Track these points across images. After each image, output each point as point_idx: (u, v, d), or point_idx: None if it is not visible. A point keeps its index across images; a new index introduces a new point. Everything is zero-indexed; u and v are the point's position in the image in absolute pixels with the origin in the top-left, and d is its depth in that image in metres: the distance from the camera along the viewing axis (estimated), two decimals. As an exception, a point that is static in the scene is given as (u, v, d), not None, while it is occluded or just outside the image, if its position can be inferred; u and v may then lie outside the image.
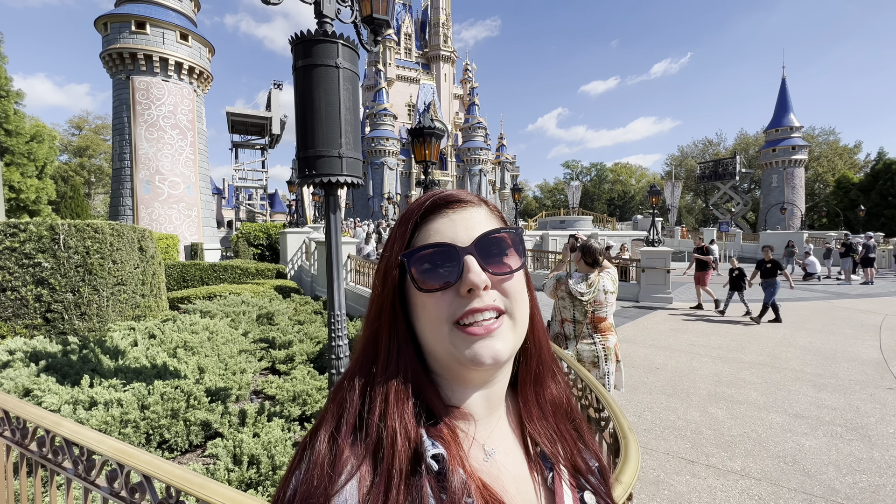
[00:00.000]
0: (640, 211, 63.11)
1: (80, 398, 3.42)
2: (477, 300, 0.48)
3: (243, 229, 18.82)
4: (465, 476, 0.44)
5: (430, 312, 0.49)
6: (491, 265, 0.49)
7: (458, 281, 0.48)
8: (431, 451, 0.45)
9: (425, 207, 0.53)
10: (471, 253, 0.49)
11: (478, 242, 0.49)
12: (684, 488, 3.14)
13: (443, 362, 0.51)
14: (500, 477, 0.49)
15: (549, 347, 0.60)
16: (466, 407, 0.51)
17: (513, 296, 0.51)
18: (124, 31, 19.82)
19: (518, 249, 0.52)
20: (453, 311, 0.48)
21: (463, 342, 0.47)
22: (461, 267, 0.48)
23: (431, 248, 0.50)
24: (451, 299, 0.48)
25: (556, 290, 3.51)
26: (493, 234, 0.50)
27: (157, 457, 1.46)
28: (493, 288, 0.49)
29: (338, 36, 3.05)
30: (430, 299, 0.49)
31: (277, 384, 4.33)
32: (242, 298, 8.09)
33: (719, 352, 6.72)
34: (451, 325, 0.48)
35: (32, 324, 5.28)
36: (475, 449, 0.49)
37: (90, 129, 52.62)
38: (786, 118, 42.73)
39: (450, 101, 55.99)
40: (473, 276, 0.47)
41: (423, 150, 5.78)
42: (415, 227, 0.52)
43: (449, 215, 0.52)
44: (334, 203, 3.30)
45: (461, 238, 0.50)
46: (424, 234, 0.52)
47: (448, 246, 0.49)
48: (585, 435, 0.61)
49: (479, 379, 0.51)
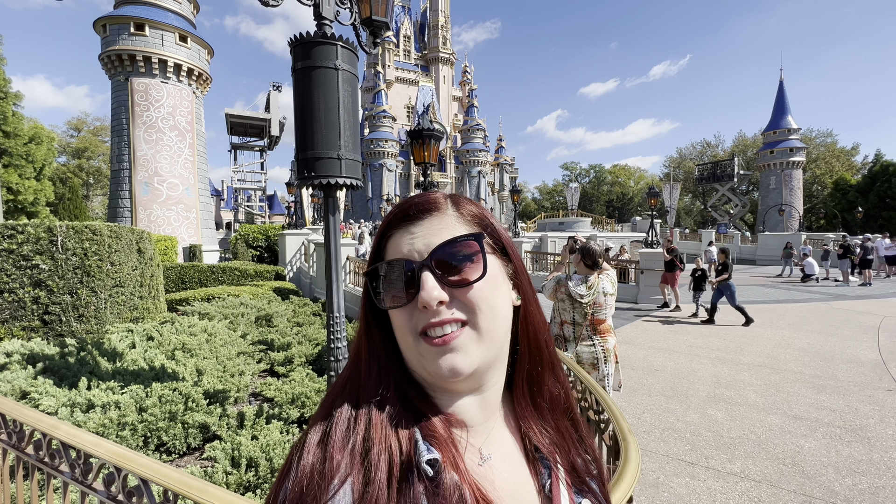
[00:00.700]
0: (639, 212, 63.29)
1: (77, 401, 3.40)
2: (433, 314, 0.47)
3: (242, 231, 18.80)
4: (459, 481, 0.44)
5: (397, 325, 0.50)
6: (451, 275, 0.48)
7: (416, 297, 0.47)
8: (426, 456, 0.44)
9: (388, 221, 0.53)
10: (426, 266, 0.47)
11: (434, 254, 0.48)
12: (684, 490, 3.14)
13: (417, 372, 0.51)
14: (496, 482, 0.48)
15: (550, 346, 0.58)
16: (459, 413, 0.50)
17: (475, 306, 0.48)
18: (123, 33, 19.83)
19: (481, 255, 0.49)
20: (416, 324, 0.48)
21: (428, 354, 0.47)
22: (418, 282, 0.47)
23: (387, 265, 0.50)
24: (412, 312, 0.48)
25: (556, 292, 3.51)
26: (452, 246, 0.48)
27: (155, 460, 1.45)
28: (456, 298, 0.48)
29: (337, 38, 3.05)
30: (394, 313, 0.50)
31: (276, 386, 4.32)
32: (241, 300, 8.07)
33: (718, 353, 6.73)
34: (416, 336, 0.48)
35: (30, 326, 5.26)
36: (470, 454, 0.48)
37: (88, 131, 52.57)
38: (783, 120, 42.90)
39: (448, 102, 56.07)
40: (425, 293, 0.46)
41: (422, 151, 5.78)
42: (381, 242, 0.53)
43: (409, 228, 0.51)
44: (333, 205, 3.29)
45: (421, 249, 0.49)
46: (388, 249, 0.52)
47: (402, 262, 0.49)
48: (584, 435, 0.60)
49: (461, 387, 0.50)
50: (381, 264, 0.51)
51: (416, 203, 0.52)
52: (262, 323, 7.15)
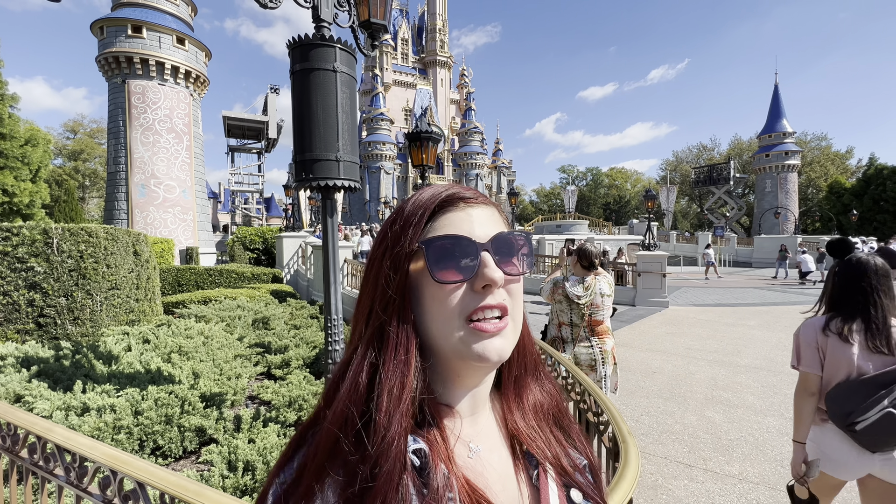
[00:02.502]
0: (636, 215, 63.46)
1: (72, 404, 3.37)
2: (490, 297, 0.48)
3: (239, 233, 18.75)
4: (447, 472, 0.44)
5: (444, 306, 0.48)
6: (503, 264, 0.50)
7: (474, 276, 0.48)
8: (413, 445, 0.45)
9: (443, 198, 0.51)
10: (487, 249, 0.49)
11: (494, 240, 0.50)
12: (682, 493, 3.13)
13: (445, 357, 0.50)
14: (485, 473, 0.49)
15: (533, 350, 0.60)
16: (452, 404, 0.52)
17: (516, 297, 0.52)
18: (120, 35, 19.80)
19: (528, 254, 0.53)
20: (465, 306, 0.48)
21: (472, 338, 0.47)
22: (478, 261, 0.48)
23: (451, 239, 0.49)
24: (465, 293, 0.48)
25: (554, 294, 3.51)
26: (509, 235, 0.51)
27: (152, 463, 1.43)
28: (503, 287, 0.50)
29: (335, 40, 3.06)
30: (442, 292, 0.48)
31: (273, 389, 4.30)
32: (238, 303, 8.03)
33: (716, 355, 6.74)
34: (463, 321, 0.48)
35: (24, 329, 5.22)
36: (460, 445, 0.49)
37: (85, 133, 52.42)
38: (779, 124, 43.24)
39: (446, 105, 56.22)
40: (491, 271, 0.47)
41: (420, 154, 5.79)
42: (430, 217, 0.51)
43: (465, 209, 0.51)
44: (331, 207, 3.29)
45: (477, 234, 0.50)
46: (440, 224, 0.50)
47: (466, 239, 0.49)
48: (573, 434, 0.61)
49: (473, 378, 0.52)
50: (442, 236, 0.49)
51: (469, 189, 0.54)
52: (259, 326, 7.12)
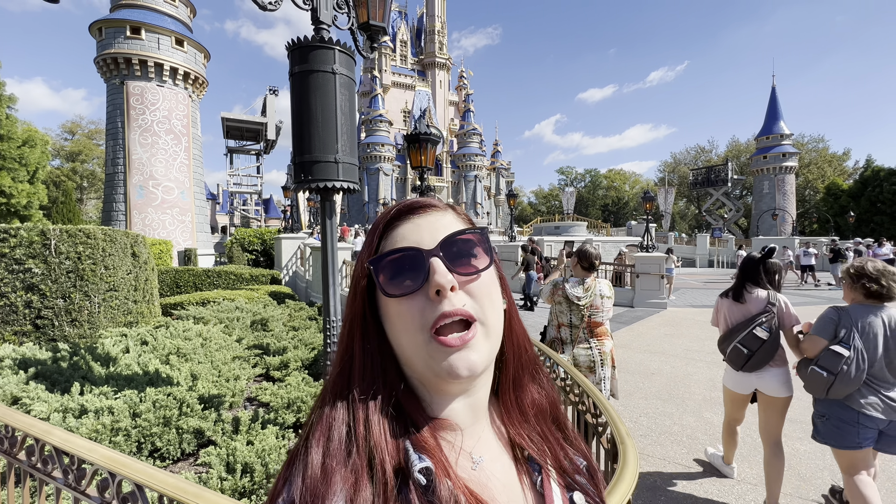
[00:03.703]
0: (635, 217, 63.57)
1: (70, 406, 3.36)
2: (446, 303, 0.47)
3: (237, 235, 18.73)
4: (452, 487, 0.43)
5: (404, 321, 0.48)
6: (458, 266, 0.49)
7: (425, 284, 0.47)
8: (419, 464, 0.44)
9: (391, 215, 0.53)
10: (436, 255, 0.48)
11: (443, 244, 0.49)
12: (681, 494, 3.14)
13: (420, 373, 0.50)
14: (489, 485, 0.48)
15: (530, 350, 0.59)
16: (450, 416, 0.50)
17: (481, 298, 0.50)
18: (119, 37, 19.80)
19: (485, 249, 0.52)
20: (426, 318, 0.47)
21: (439, 353, 0.46)
22: (427, 269, 0.47)
23: (397, 253, 0.49)
24: (422, 305, 0.47)
25: (553, 295, 3.52)
26: (458, 236, 0.50)
27: (150, 465, 1.43)
28: (462, 290, 0.49)
29: (334, 42, 3.06)
30: (401, 307, 0.48)
31: (272, 391, 4.28)
32: (236, 304, 8.02)
33: (714, 357, 6.75)
34: (428, 335, 0.47)
35: (22, 330, 5.20)
36: (462, 458, 0.48)
37: (83, 134, 52.31)
38: (776, 126, 43.40)
39: (445, 107, 56.28)
40: (439, 276, 0.46)
41: (419, 155, 5.80)
42: (381, 235, 0.52)
43: (413, 220, 0.52)
44: (330, 208, 3.29)
45: (426, 241, 0.50)
46: (391, 240, 0.51)
47: (413, 249, 0.49)
48: (570, 435, 0.60)
49: (457, 389, 0.51)
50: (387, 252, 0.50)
51: (418, 200, 0.54)
52: (258, 327, 7.11)
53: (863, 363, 2.43)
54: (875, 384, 2.48)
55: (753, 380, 3.01)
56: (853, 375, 2.43)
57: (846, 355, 2.45)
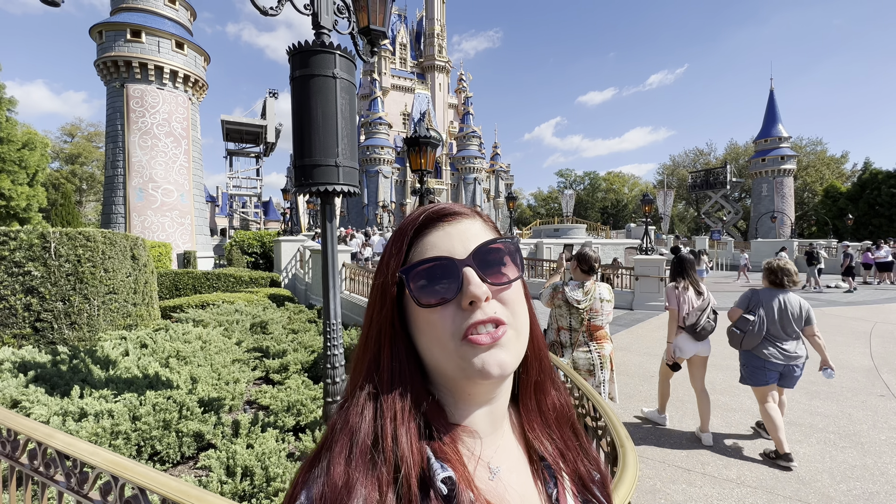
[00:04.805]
0: (634, 219, 63.66)
1: (69, 409, 3.36)
2: (479, 312, 0.47)
3: (237, 237, 18.73)
4: (473, 499, 0.43)
5: (435, 329, 0.48)
6: (490, 276, 0.49)
7: (459, 294, 0.47)
8: (441, 474, 0.44)
9: (419, 222, 0.52)
10: (469, 265, 0.48)
11: (475, 254, 0.49)
12: (681, 497, 3.14)
13: (450, 378, 0.50)
14: (506, 496, 0.48)
15: (548, 355, 0.60)
16: (471, 424, 0.50)
17: (512, 306, 0.50)
18: (119, 40, 19.82)
19: (515, 259, 0.52)
20: (458, 327, 0.47)
21: (470, 352, 0.46)
22: (461, 280, 0.47)
23: (430, 263, 0.49)
24: (454, 313, 0.47)
25: (553, 299, 3.53)
26: (491, 245, 0.50)
27: (153, 469, 1.44)
28: (493, 299, 0.49)
29: (335, 46, 3.08)
30: (433, 315, 0.48)
31: (271, 394, 4.28)
32: (236, 307, 8.01)
33: (713, 360, 6.71)
34: (458, 339, 0.47)
35: (21, 333, 5.19)
36: (481, 468, 0.48)
37: (82, 137, 52.33)
38: (774, 129, 43.53)
39: (444, 110, 56.41)
40: (474, 287, 0.46)
41: (419, 158, 5.81)
42: (410, 243, 0.52)
43: (444, 228, 0.51)
44: (330, 212, 3.31)
45: (458, 251, 0.49)
46: (421, 248, 0.51)
47: (446, 259, 0.49)
48: (585, 443, 0.61)
49: (483, 395, 0.51)
50: (420, 261, 0.49)
51: (447, 207, 0.54)
52: (258, 330, 7.11)
53: (763, 326, 3.68)
54: (774, 340, 3.69)
55: (699, 346, 4.10)
56: (755, 332, 3.70)
57: (751, 319, 3.72)
